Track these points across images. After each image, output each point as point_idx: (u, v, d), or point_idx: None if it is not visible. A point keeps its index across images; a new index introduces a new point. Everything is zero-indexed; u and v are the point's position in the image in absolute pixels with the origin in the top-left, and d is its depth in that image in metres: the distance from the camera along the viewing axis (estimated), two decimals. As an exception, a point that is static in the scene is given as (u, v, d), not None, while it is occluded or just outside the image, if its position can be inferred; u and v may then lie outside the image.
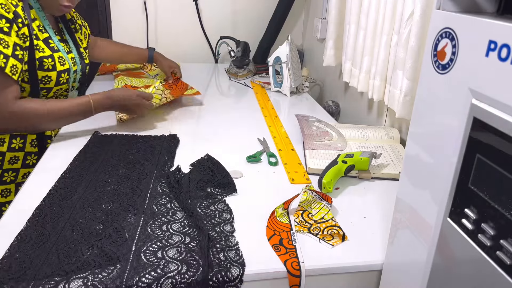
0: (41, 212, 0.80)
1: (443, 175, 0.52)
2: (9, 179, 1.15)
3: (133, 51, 1.62)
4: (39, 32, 1.11)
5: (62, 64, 1.15)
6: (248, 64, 1.91)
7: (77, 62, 1.23)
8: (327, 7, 1.59)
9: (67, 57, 1.18)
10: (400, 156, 1.10)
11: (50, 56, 1.12)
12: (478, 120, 0.46)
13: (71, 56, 1.21)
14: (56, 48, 1.15)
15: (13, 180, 1.16)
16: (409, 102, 1.07)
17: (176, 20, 2.04)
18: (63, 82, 1.17)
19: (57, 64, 1.13)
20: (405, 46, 1.05)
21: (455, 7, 0.52)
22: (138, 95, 1.18)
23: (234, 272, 0.68)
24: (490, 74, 0.44)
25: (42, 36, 1.12)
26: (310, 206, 0.87)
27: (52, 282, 0.63)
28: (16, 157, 1.15)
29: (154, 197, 0.88)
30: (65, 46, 1.21)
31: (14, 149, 1.14)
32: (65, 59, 1.17)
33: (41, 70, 1.10)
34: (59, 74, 1.14)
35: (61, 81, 1.16)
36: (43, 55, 1.10)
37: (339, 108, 1.61)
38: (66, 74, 1.17)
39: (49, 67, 1.11)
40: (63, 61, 1.16)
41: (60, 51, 1.16)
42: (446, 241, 0.52)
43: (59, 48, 1.16)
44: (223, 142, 1.19)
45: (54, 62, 1.13)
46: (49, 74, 1.12)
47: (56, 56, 1.14)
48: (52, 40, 1.15)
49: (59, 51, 1.16)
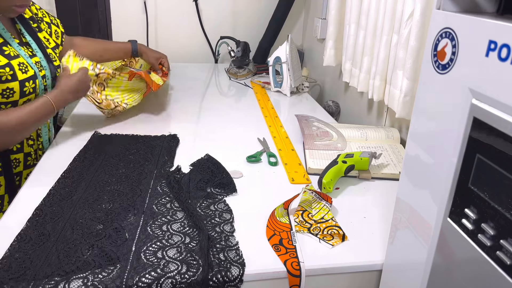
0: (41, 212, 0.80)
1: (443, 175, 0.52)
2: None
3: (114, 46, 1.48)
4: None
5: (24, 72, 1.00)
6: (248, 64, 1.91)
7: (44, 66, 1.08)
8: (327, 7, 1.59)
9: (31, 62, 1.04)
10: (400, 156, 1.10)
11: (7, 64, 0.97)
12: (478, 120, 0.46)
13: (36, 60, 1.06)
14: (14, 54, 1.00)
15: None
16: (409, 102, 1.07)
17: (176, 20, 2.04)
18: (30, 92, 1.02)
19: (17, 73, 0.99)
20: (405, 46, 1.05)
21: (455, 7, 0.52)
22: (81, 73, 1.11)
23: (234, 272, 0.68)
24: (490, 74, 0.44)
25: None
26: (310, 206, 0.87)
27: (52, 282, 0.63)
28: None
29: (154, 197, 0.88)
30: (27, 49, 1.06)
31: None
32: (28, 65, 1.02)
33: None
34: (22, 84, 1.00)
35: (26, 91, 1.01)
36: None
37: (339, 108, 1.61)
38: (31, 82, 1.02)
39: (7, 77, 0.97)
40: (25, 67, 1.01)
41: (20, 57, 1.01)
42: (446, 241, 0.52)
43: (19, 53, 1.02)
44: (223, 142, 1.19)
45: (14, 71, 0.98)
46: (9, 85, 0.97)
47: (15, 64, 0.99)
48: (9, 45, 1.01)
49: (19, 56, 1.01)
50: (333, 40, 1.53)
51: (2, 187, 1.06)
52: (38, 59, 1.08)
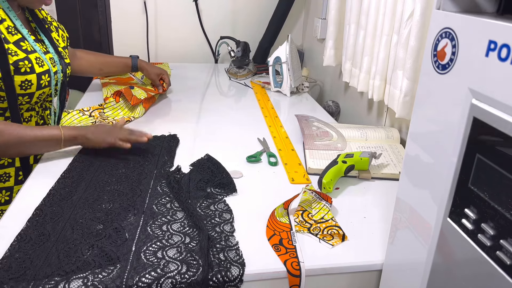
0: (41, 212, 0.80)
1: (443, 175, 0.52)
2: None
3: (115, 60, 1.51)
4: (9, 35, 1.01)
5: (40, 66, 1.05)
6: (248, 64, 1.91)
7: (56, 62, 1.13)
8: (327, 7, 1.59)
9: (45, 58, 1.09)
10: (400, 156, 1.10)
11: (26, 58, 1.02)
12: (478, 120, 0.46)
13: (49, 57, 1.11)
14: (31, 49, 1.05)
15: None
16: (409, 102, 1.07)
17: (176, 20, 2.04)
18: (45, 85, 1.08)
19: (35, 66, 1.04)
20: (405, 46, 1.05)
21: (455, 7, 0.52)
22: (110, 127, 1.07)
23: (234, 272, 0.68)
24: (490, 74, 0.44)
25: (13, 39, 1.02)
26: (310, 206, 0.87)
27: (52, 282, 0.63)
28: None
29: (154, 197, 0.88)
30: (42, 46, 1.11)
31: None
32: (43, 59, 1.07)
33: (19, 74, 1.00)
34: (39, 77, 1.05)
35: (42, 84, 1.06)
36: (18, 59, 1.00)
37: (339, 108, 1.61)
38: (47, 75, 1.07)
39: (26, 69, 1.02)
40: (41, 62, 1.06)
41: (36, 52, 1.06)
42: (446, 241, 0.52)
43: (35, 48, 1.06)
44: (223, 142, 1.19)
45: (32, 64, 1.03)
46: (28, 77, 1.02)
47: (33, 58, 1.04)
48: (26, 41, 1.05)
49: (35, 51, 1.06)
50: (333, 40, 1.53)
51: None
52: (51, 55, 1.12)
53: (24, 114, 1.09)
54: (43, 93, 1.09)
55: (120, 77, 1.66)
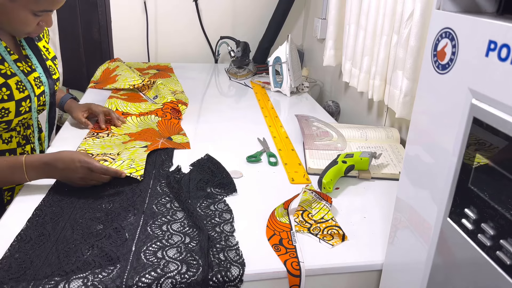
0: (41, 212, 0.80)
1: (443, 175, 0.52)
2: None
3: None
4: None
5: (21, 91, 0.95)
6: (248, 64, 1.91)
7: (43, 81, 1.03)
8: (327, 7, 1.59)
9: (27, 81, 0.98)
10: (400, 156, 1.10)
11: (4, 84, 0.92)
12: (478, 120, 0.46)
13: (35, 76, 1.00)
14: (11, 73, 0.94)
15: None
16: (409, 102, 1.07)
17: (176, 20, 2.04)
18: (25, 111, 0.98)
19: (14, 92, 0.94)
20: (405, 46, 1.05)
21: (455, 7, 0.52)
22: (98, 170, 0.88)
23: (234, 272, 0.68)
24: (490, 74, 0.44)
25: None
26: (310, 206, 0.87)
27: (52, 282, 0.63)
28: None
29: (154, 197, 0.88)
30: (25, 65, 0.99)
31: None
32: (24, 84, 0.96)
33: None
34: (18, 103, 0.95)
35: (22, 111, 0.97)
36: None
37: (339, 108, 1.61)
38: (28, 101, 0.98)
39: (4, 97, 0.92)
40: (22, 87, 0.96)
41: (16, 75, 0.95)
42: (446, 241, 0.52)
43: (15, 72, 0.95)
44: (223, 142, 1.19)
45: (11, 90, 0.93)
46: (5, 105, 0.92)
47: (12, 83, 0.94)
48: (5, 63, 0.94)
49: (15, 75, 0.95)
50: (333, 40, 1.53)
51: None
52: (38, 74, 1.02)
53: (3, 135, 1.01)
54: (24, 119, 1.00)
55: (129, 93, 1.53)
